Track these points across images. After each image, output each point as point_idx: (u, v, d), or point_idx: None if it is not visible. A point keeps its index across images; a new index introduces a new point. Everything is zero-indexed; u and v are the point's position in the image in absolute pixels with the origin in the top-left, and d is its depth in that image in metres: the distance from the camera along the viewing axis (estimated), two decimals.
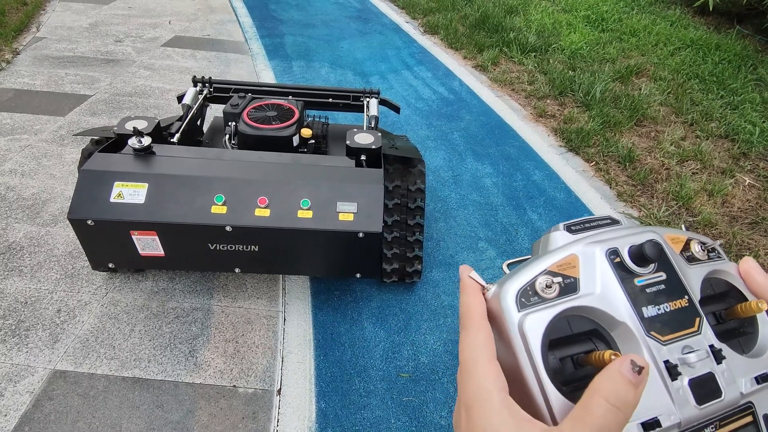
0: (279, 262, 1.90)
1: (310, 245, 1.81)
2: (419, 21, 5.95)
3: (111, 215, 1.70)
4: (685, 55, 4.91)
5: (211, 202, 1.74)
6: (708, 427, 0.30)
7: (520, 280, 0.31)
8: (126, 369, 1.88)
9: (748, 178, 3.26)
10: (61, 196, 2.69)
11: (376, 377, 1.93)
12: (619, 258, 0.32)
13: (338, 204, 1.78)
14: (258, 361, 1.96)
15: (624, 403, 0.24)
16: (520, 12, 5.91)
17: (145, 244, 1.78)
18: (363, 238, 1.77)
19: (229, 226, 1.73)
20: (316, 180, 1.82)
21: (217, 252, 1.82)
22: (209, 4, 6.09)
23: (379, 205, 1.79)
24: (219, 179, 1.78)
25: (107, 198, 1.71)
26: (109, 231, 1.73)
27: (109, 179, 1.73)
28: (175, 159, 1.86)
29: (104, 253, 1.83)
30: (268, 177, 1.81)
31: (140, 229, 1.73)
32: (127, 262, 1.90)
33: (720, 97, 4.17)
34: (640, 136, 3.72)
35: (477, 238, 2.66)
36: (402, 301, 2.26)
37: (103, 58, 4.35)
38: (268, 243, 1.80)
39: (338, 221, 1.76)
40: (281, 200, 1.77)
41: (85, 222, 1.69)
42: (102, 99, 3.69)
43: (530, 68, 4.68)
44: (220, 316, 2.11)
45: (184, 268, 2.04)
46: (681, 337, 0.31)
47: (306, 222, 1.75)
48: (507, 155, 3.42)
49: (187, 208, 1.73)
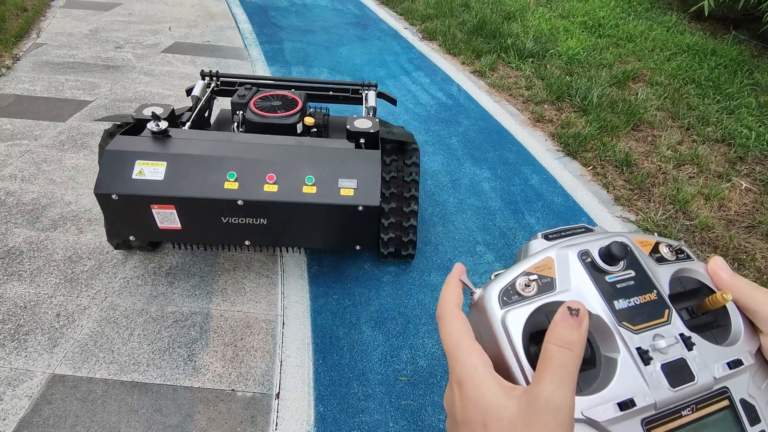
0: (285, 235, 2.03)
1: (314, 218, 1.95)
2: (417, 27, 6.00)
3: (133, 190, 1.85)
4: (682, 60, 4.95)
5: (224, 178, 1.89)
6: (685, 410, 0.32)
7: (502, 281, 0.34)
8: (125, 373, 1.89)
9: (745, 182, 3.28)
10: (61, 201, 2.70)
11: (375, 381, 1.94)
12: (590, 258, 0.35)
13: (339, 181, 1.93)
14: (257, 365, 1.96)
15: (570, 342, 0.28)
16: (517, 18, 5.95)
17: (164, 217, 1.93)
18: (362, 211, 1.92)
19: (241, 200, 1.88)
20: (319, 159, 1.97)
21: (230, 225, 1.97)
22: (209, 10, 6.14)
23: (377, 182, 1.94)
24: (230, 158, 1.93)
25: (130, 175, 1.86)
26: (131, 205, 1.87)
27: (130, 158, 1.88)
28: (190, 141, 2.00)
29: (126, 226, 1.97)
30: (275, 157, 1.96)
31: (160, 203, 1.88)
32: (146, 234, 2.02)
33: (716, 101, 4.20)
34: (637, 140, 3.74)
35: (475, 242, 2.67)
36: (400, 305, 2.27)
37: (104, 64, 4.37)
38: (276, 216, 1.94)
39: (340, 196, 1.91)
40: (288, 177, 1.92)
41: (109, 196, 1.84)
42: (102, 105, 3.71)
43: (528, 74, 4.71)
44: (219, 320, 2.12)
45: (199, 242, 2.14)
46: (651, 326, 0.33)
47: (310, 196, 1.90)
48: (505, 160, 3.44)
49: (202, 184, 1.88)
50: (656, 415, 0.31)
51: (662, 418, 0.31)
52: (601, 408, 0.30)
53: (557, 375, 0.27)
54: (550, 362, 0.28)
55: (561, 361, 0.28)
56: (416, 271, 2.45)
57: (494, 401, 0.29)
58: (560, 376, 0.27)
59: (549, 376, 0.28)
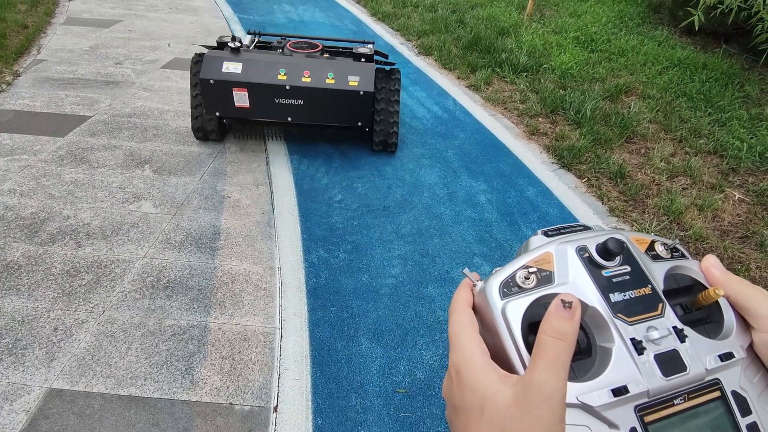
0: (315, 113, 3.22)
1: (333, 99, 3.14)
2: (413, 43, 6.09)
3: (223, 77, 3.03)
4: (673, 73, 5.04)
5: (277, 72, 3.08)
6: (677, 398, 0.33)
7: (503, 274, 0.36)
8: (122, 387, 1.88)
9: (738, 193, 3.32)
10: (60, 215, 2.71)
11: (373, 393, 1.94)
12: (588, 253, 0.37)
13: (349, 76, 3.13)
14: (254, 378, 1.96)
15: (562, 333, 0.30)
16: (511, 33, 6.06)
17: (239, 98, 3.10)
18: (363, 95, 3.13)
19: (288, 85, 3.07)
20: (336, 66, 3.16)
21: (279, 105, 3.16)
22: (208, 27, 6.22)
23: (372, 80, 3.15)
24: (281, 62, 3.12)
25: (220, 69, 3.05)
26: (221, 87, 3.05)
27: (220, 60, 3.07)
28: (255, 53, 3.23)
29: (216, 103, 3.14)
30: (309, 63, 3.15)
31: (238, 86, 3.06)
32: (227, 110, 3.18)
33: (708, 114, 4.27)
34: (630, 152, 3.79)
35: (472, 254, 2.69)
36: (398, 316, 2.28)
37: (103, 80, 4.42)
38: (310, 97, 3.13)
39: (349, 85, 3.11)
40: (317, 73, 3.11)
41: (208, 81, 3.03)
42: (101, 120, 3.75)
43: (522, 87, 4.78)
44: (217, 333, 2.12)
45: (259, 117, 3.26)
46: (645, 319, 0.35)
47: (331, 84, 3.10)
48: (501, 172, 3.48)
49: (264, 75, 3.07)
50: (649, 402, 0.32)
51: (654, 406, 0.32)
52: (596, 394, 0.31)
53: (550, 364, 0.29)
54: (544, 352, 0.30)
55: (554, 351, 0.29)
56: (414, 284, 2.47)
57: (490, 387, 0.31)
58: (553, 364, 0.29)
59: (542, 364, 0.29)
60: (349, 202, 3.04)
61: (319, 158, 3.50)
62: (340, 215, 2.92)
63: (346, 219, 2.89)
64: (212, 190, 3.05)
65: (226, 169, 3.29)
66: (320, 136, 3.75)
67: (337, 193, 3.12)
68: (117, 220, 2.72)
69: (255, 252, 2.60)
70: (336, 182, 3.24)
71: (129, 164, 3.24)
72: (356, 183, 3.24)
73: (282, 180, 3.22)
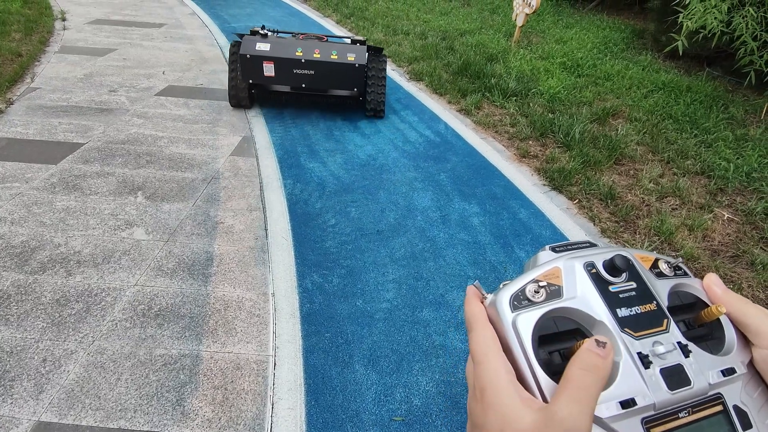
0: (322, 81, 4.35)
1: (336, 69, 4.24)
2: (405, 68, 6.21)
3: (257, 53, 4.17)
4: (658, 97, 5.16)
5: (296, 50, 4.21)
6: (682, 412, 0.34)
7: (513, 288, 0.37)
8: (111, 420, 1.83)
9: (727, 213, 3.37)
10: (51, 243, 2.69)
11: (369, 422, 1.90)
12: (595, 269, 0.38)
13: (347, 54, 4.23)
14: (247, 408, 1.92)
15: (594, 367, 0.29)
16: (500, 59, 6.20)
17: (267, 69, 4.23)
18: (357, 67, 4.24)
19: (304, 59, 4.18)
20: (338, 46, 4.28)
21: (296, 74, 4.28)
22: (202, 55, 6.32)
23: (365, 56, 4.26)
24: (298, 44, 4.26)
25: (254, 47, 4.17)
26: (255, 60, 4.19)
27: (254, 41, 4.21)
28: (279, 38, 4.38)
29: (250, 72, 4.28)
30: (318, 44, 4.27)
31: (267, 60, 4.19)
32: (258, 78, 4.32)
33: (694, 135, 4.36)
34: (619, 174, 3.85)
35: (466, 277, 2.69)
36: (393, 342, 2.26)
37: (97, 108, 4.45)
38: (318, 69, 4.25)
39: (347, 59, 4.22)
40: (324, 51, 4.22)
41: (246, 56, 4.16)
42: (95, 147, 3.75)
43: (512, 111, 4.87)
44: (209, 363, 2.09)
45: (281, 83, 4.39)
46: (651, 333, 0.36)
47: (335, 59, 4.21)
48: (493, 195, 3.51)
49: (286, 52, 4.20)
50: (655, 415, 0.33)
51: (661, 419, 0.33)
52: (604, 406, 0.32)
53: (576, 395, 0.29)
54: (571, 383, 0.29)
55: (582, 383, 0.29)
56: (408, 308, 2.45)
57: (513, 410, 0.30)
58: (579, 396, 0.28)
59: (567, 395, 0.29)
60: (342, 227, 3.04)
61: (312, 183, 3.52)
62: (334, 240, 2.92)
63: (340, 243, 2.89)
64: (205, 216, 3.05)
65: (219, 194, 3.29)
66: (316, 155, 3.78)
67: (331, 218, 3.12)
68: (108, 248, 2.70)
69: (248, 278, 2.58)
70: (330, 206, 3.24)
71: (122, 191, 3.23)
72: (350, 207, 3.25)
73: (275, 205, 3.22)
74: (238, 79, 4.44)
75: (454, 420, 1.93)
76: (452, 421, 1.92)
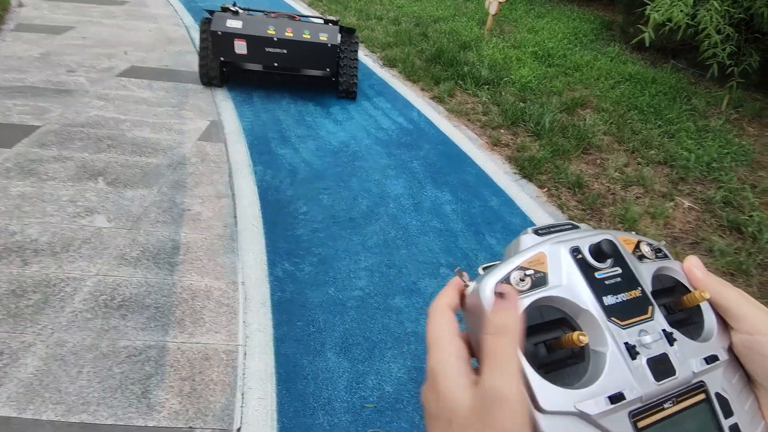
0: (294, 60, 4.32)
1: (308, 48, 4.24)
2: (378, 54, 6.14)
3: (228, 30, 4.09)
4: (625, 88, 5.29)
5: (267, 28, 4.17)
6: (666, 402, 0.33)
7: (497, 275, 0.34)
8: (73, 414, 1.77)
9: (687, 201, 3.50)
10: (5, 231, 2.55)
11: (341, 410, 1.90)
12: (581, 255, 0.36)
13: (319, 33, 4.23)
14: (216, 399, 1.89)
15: (503, 327, 0.28)
16: (473, 47, 6.21)
17: (239, 46, 4.15)
18: (330, 46, 4.25)
19: (276, 37, 4.15)
20: (310, 25, 4.30)
21: (268, 53, 4.23)
22: (168, 35, 6.07)
23: (337, 35, 4.29)
24: (270, 22, 4.25)
25: (225, 24, 4.09)
26: (226, 37, 4.10)
27: (225, 18, 4.14)
28: (250, 15, 4.36)
29: (221, 49, 4.19)
30: (290, 23, 4.28)
31: (239, 37, 4.12)
32: (229, 55, 4.24)
33: (658, 126, 4.49)
34: (587, 163, 3.93)
35: (438, 264, 2.71)
36: (365, 329, 2.26)
37: (55, 89, 4.22)
38: (291, 48, 4.22)
39: (320, 38, 4.22)
40: (296, 30, 4.21)
41: (217, 32, 4.07)
42: (52, 130, 3.57)
43: (484, 100, 4.89)
44: (176, 354, 2.03)
45: (253, 61, 4.34)
46: (637, 322, 0.34)
47: (307, 38, 4.20)
48: (465, 183, 3.53)
49: (259, 30, 4.15)
50: (642, 407, 0.32)
51: (647, 411, 0.32)
52: (593, 401, 0.30)
53: (495, 364, 0.27)
54: (487, 353, 0.28)
55: (495, 349, 0.28)
56: (380, 295, 2.45)
57: (456, 396, 0.29)
58: (498, 364, 0.27)
59: (488, 366, 0.27)
60: (314, 214, 3.00)
61: (283, 169, 3.45)
62: (306, 227, 2.88)
63: (312, 231, 2.85)
64: (171, 203, 2.95)
65: (186, 180, 3.19)
66: (289, 142, 3.71)
67: (303, 205, 3.08)
68: (67, 236, 2.58)
69: (217, 266, 2.52)
70: (302, 193, 3.19)
71: (81, 177, 3.09)
72: (322, 194, 3.21)
73: (245, 192, 3.15)
74: (209, 57, 4.34)
75: None
76: None
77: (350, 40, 4.48)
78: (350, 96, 4.69)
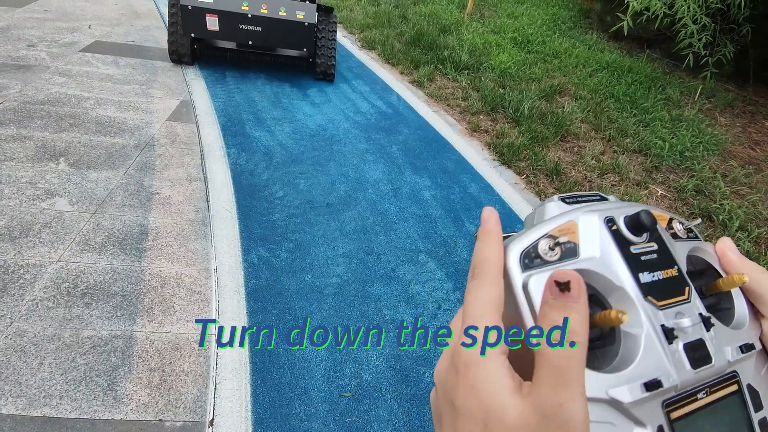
0: (269, 39, 4.17)
1: (284, 26, 4.11)
2: (357, 36, 6.00)
3: (199, 5, 3.92)
4: (602, 76, 5.32)
5: (241, 3, 3.99)
6: (701, 392, 0.30)
7: (523, 242, 0.31)
8: (34, 408, 1.67)
9: (661, 189, 3.55)
10: None
11: (318, 399, 1.86)
12: (616, 226, 0.32)
13: (296, 11, 4.09)
14: (188, 390, 1.82)
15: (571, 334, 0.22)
16: (452, 31, 6.13)
17: (211, 22, 3.99)
18: (307, 25, 4.12)
19: (250, 14, 4.02)
20: (286, 2, 4.10)
21: (243, 30, 4.08)
22: (135, 9, 5.78)
23: (314, 14, 4.13)
24: None
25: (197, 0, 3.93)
26: (197, 12, 3.94)
27: None
28: None
29: (192, 25, 4.01)
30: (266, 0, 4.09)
31: (210, 13, 3.96)
32: (201, 32, 4.06)
33: (633, 115, 4.54)
34: (564, 150, 3.95)
35: (417, 251, 2.67)
36: (343, 317, 2.21)
37: (14, 64, 3.96)
38: (266, 25, 4.08)
39: (296, 17, 4.09)
40: (272, 6, 4.06)
41: (187, 7, 3.89)
42: (10, 107, 3.35)
43: (464, 85, 4.85)
44: (144, 344, 1.95)
45: (226, 39, 4.17)
46: (674, 303, 0.31)
47: (283, 16, 4.07)
48: (444, 168, 3.50)
49: (231, 5, 3.98)
50: (676, 396, 0.29)
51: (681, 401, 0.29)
52: (626, 388, 0.27)
53: (556, 378, 0.22)
54: (547, 362, 0.23)
55: (560, 360, 0.22)
56: (358, 282, 2.41)
57: (499, 399, 0.24)
58: (560, 379, 0.22)
59: (547, 379, 0.22)
60: (291, 199, 2.92)
61: (258, 152, 3.34)
62: (282, 212, 2.80)
63: (288, 216, 2.77)
64: (139, 186, 2.81)
65: (154, 162, 3.05)
66: (263, 125, 3.59)
67: (279, 190, 2.99)
68: (26, 220, 2.43)
69: (188, 253, 2.42)
70: (277, 177, 3.10)
71: (41, 157, 2.91)
72: (298, 179, 3.12)
73: (218, 175, 3.03)
74: (179, 33, 4.13)
75: (403, 393, 1.93)
76: (402, 394, 1.92)
77: (328, 19, 4.32)
78: (328, 78, 4.55)
